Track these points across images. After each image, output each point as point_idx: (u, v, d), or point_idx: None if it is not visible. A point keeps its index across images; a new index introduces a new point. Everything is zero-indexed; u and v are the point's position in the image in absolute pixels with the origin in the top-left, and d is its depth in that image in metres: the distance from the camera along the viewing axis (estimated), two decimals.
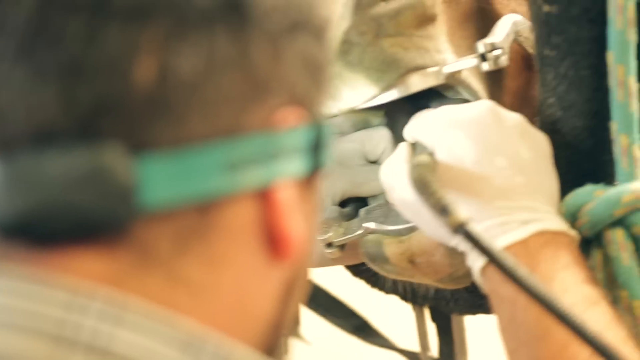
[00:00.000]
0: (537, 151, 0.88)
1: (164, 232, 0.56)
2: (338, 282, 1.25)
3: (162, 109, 0.54)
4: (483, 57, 0.91)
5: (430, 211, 0.82)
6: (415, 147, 0.92)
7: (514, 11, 0.98)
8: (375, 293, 1.16)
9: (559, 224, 0.85)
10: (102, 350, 0.53)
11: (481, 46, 0.92)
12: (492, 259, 0.77)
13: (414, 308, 1.17)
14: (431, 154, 0.89)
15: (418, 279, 0.98)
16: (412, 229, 0.95)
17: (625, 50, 0.82)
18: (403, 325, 1.27)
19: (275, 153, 0.58)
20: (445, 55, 0.93)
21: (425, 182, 0.82)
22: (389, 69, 0.90)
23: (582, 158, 0.89)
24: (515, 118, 0.90)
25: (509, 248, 0.82)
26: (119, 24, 0.54)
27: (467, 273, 0.95)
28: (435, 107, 0.94)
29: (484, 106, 0.90)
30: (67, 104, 0.53)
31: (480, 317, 1.10)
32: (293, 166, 0.59)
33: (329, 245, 1.01)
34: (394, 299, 1.16)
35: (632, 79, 0.83)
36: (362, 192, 1.04)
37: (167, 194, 0.55)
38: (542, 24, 0.87)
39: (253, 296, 0.61)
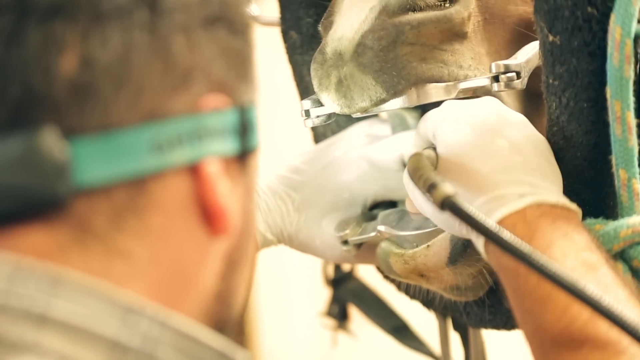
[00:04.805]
0: (536, 142, 0.88)
1: (101, 208, 0.61)
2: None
3: (87, 96, 0.60)
4: (496, 78, 0.90)
5: (420, 192, 0.84)
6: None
7: None
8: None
9: (557, 197, 0.84)
10: (39, 315, 0.59)
11: (494, 67, 0.91)
12: (477, 227, 0.78)
13: (437, 317, 1.17)
14: (434, 149, 0.89)
15: (425, 285, 0.99)
16: (419, 237, 0.96)
17: (622, 86, 0.82)
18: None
19: (199, 134, 0.64)
20: (467, 72, 0.93)
21: (417, 167, 0.84)
22: (399, 75, 0.90)
23: (582, 188, 0.88)
24: (517, 115, 0.90)
25: (506, 219, 0.82)
26: (39, 24, 0.59)
27: (472, 286, 0.96)
28: None
29: (487, 100, 0.91)
30: None
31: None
32: (219, 146, 0.65)
33: (345, 242, 1.03)
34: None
35: (630, 115, 0.82)
36: (394, 196, 1.06)
37: (100, 173, 0.60)
38: (548, 52, 0.86)
39: (193, 268, 0.66)
